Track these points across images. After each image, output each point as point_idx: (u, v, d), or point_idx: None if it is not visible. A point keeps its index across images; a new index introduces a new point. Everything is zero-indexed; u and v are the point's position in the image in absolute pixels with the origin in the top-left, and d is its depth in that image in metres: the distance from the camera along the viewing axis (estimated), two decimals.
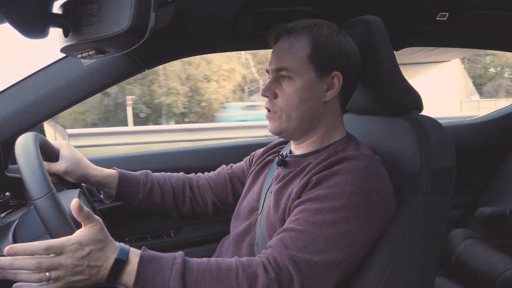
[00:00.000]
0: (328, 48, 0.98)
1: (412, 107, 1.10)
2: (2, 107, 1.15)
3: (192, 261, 0.86)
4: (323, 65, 0.98)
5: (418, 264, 0.99)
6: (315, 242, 0.86)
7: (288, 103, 0.99)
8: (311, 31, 0.99)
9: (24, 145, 0.85)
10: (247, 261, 0.86)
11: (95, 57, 0.72)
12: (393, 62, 1.06)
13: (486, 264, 1.63)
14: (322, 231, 0.87)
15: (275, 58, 1.02)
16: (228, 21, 1.27)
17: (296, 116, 1.00)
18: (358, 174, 0.91)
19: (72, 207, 0.76)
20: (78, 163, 1.11)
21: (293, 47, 0.99)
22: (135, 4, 0.61)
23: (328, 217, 0.88)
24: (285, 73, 0.99)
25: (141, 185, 1.19)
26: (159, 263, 0.82)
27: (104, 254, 0.79)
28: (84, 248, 0.77)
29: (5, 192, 1.15)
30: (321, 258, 0.86)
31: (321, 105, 1.01)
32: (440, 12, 1.42)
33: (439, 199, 0.99)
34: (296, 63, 0.98)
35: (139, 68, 1.26)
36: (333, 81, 1.00)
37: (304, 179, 0.96)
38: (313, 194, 0.92)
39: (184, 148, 1.68)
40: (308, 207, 0.91)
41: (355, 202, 0.89)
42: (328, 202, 0.89)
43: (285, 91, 1.00)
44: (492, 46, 1.78)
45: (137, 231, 1.49)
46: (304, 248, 0.86)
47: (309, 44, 0.98)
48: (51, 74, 1.18)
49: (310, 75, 0.98)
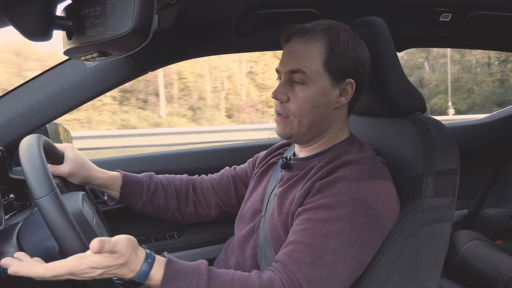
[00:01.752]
0: (344, 55, 0.96)
1: (415, 108, 1.10)
2: (6, 110, 1.15)
3: (216, 274, 0.84)
4: (338, 72, 0.96)
5: (422, 266, 0.99)
6: (324, 255, 0.85)
7: (300, 108, 0.97)
8: (328, 35, 0.96)
9: (28, 146, 0.86)
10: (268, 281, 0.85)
11: (98, 59, 0.72)
12: (396, 63, 1.06)
13: (490, 265, 1.62)
14: (330, 243, 0.86)
15: (289, 59, 0.99)
16: (231, 23, 1.27)
17: (307, 122, 0.98)
18: (361, 179, 0.90)
19: (93, 248, 0.72)
20: (82, 165, 1.11)
21: (309, 51, 0.96)
22: (138, 6, 0.61)
23: (335, 227, 0.87)
24: (300, 76, 0.96)
25: (145, 187, 1.19)
26: (182, 281, 0.81)
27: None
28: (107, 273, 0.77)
29: (9, 194, 1.16)
30: (331, 270, 0.85)
31: (331, 111, 0.99)
32: (443, 13, 1.42)
33: (443, 200, 0.98)
34: (311, 68, 0.96)
35: (142, 70, 1.26)
36: (346, 88, 0.98)
37: (307, 185, 0.95)
38: (317, 202, 0.90)
39: (188, 149, 1.68)
40: (314, 216, 0.89)
41: (360, 209, 0.88)
42: (334, 211, 0.88)
43: (297, 96, 0.97)
44: (496, 47, 1.78)
45: (141, 233, 1.49)
46: (314, 263, 0.85)
47: (325, 50, 0.95)
48: (55, 77, 1.19)
49: (325, 81, 0.96)
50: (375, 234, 0.90)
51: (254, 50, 1.47)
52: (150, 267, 0.80)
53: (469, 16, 1.44)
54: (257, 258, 1.05)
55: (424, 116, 1.08)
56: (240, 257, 1.09)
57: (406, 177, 1.00)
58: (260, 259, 1.04)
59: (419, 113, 1.10)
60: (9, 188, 1.15)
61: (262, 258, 1.03)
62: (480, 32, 1.56)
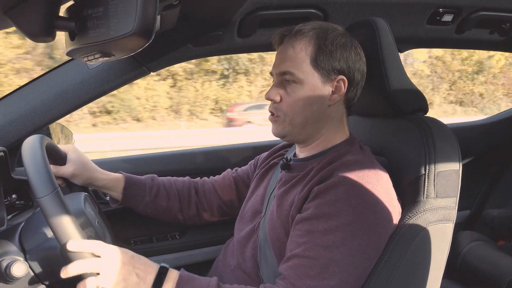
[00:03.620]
0: (333, 53, 0.97)
1: (417, 109, 1.09)
2: (9, 110, 1.16)
3: (224, 285, 0.88)
4: (328, 69, 0.97)
5: (424, 267, 0.98)
6: (329, 267, 0.85)
7: (292, 107, 0.98)
8: (316, 35, 0.98)
9: (30, 146, 0.86)
10: None
11: (100, 60, 0.72)
12: (398, 64, 1.06)
13: (493, 266, 1.62)
14: (333, 254, 0.86)
15: (280, 61, 1.01)
16: (234, 24, 1.27)
17: (300, 120, 0.99)
18: (360, 184, 0.90)
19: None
20: (85, 166, 1.12)
21: (298, 51, 0.98)
22: (141, 7, 0.61)
23: (337, 237, 0.86)
24: (289, 77, 0.98)
25: (147, 189, 1.20)
26: (194, 283, 0.86)
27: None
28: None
29: (11, 194, 1.16)
30: (337, 280, 0.85)
31: (325, 108, 1.00)
32: (445, 14, 1.41)
33: (445, 201, 0.98)
34: (301, 68, 0.97)
35: (144, 71, 1.27)
36: (338, 85, 0.99)
37: (306, 188, 0.95)
38: (317, 211, 0.90)
39: (190, 150, 1.68)
40: (315, 227, 0.89)
41: (360, 216, 0.87)
42: (334, 220, 0.87)
43: (289, 95, 0.98)
44: (497, 47, 1.77)
45: (143, 233, 1.50)
46: (319, 275, 0.85)
47: (313, 48, 0.97)
48: (57, 77, 1.19)
49: (315, 79, 0.97)
50: (376, 239, 0.90)
51: (256, 51, 1.48)
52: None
53: (471, 16, 1.44)
54: (257, 259, 1.05)
55: (426, 116, 1.07)
56: (240, 258, 1.09)
57: (408, 178, 1.00)
58: (260, 260, 1.04)
59: (421, 114, 1.10)
60: (12, 189, 1.15)
61: (262, 259, 1.03)
62: (483, 32, 1.56)
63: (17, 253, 0.88)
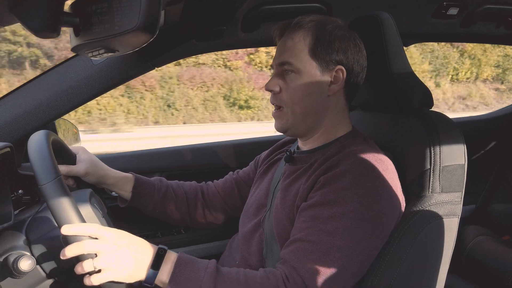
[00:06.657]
0: (330, 43, 0.98)
1: (422, 104, 1.09)
2: (15, 106, 1.16)
3: (222, 268, 0.89)
4: (326, 59, 0.98)
5: (429, 261, 0.98)
6: (331, 252, 0.85)
7: (292, 97, 1.00)
8: (315, 26, 0.99)
9: (36, 139, 0.87)
10: (272, 274, 0.87)
11: (105, 55, 0.73)
12: (403, 58, 1.05)
13: (498, 261, 1.62)
14: (335, 239, 0.86)
15: (279, 53, 1.02)
16: (238, 18, 1.27)
17: (300, 110, 1.00)
18: (366, 173, 0.90)
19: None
20: (96, 165, 1.15)
21: (296, 42, 0.99)
22: (145, 2, 0.61)
23: (341, 224, 0.87)
24: (288, 67, 0.99)
25: (156, 188, 1.23)
26: (193, 265, 0.86)
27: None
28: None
29: (18, 189, 1.17)
30: (338, 266, 0.85)
31: (325, 99, 1.00)
32: (451, 7, 1.40)
33: (450, 195, 0.98)
34: (299, 58, 0.98)
35: (149, 66, 1.27)
36: (336, 75, 0.99)
37: (312, 178, 0.96)
38: (322, 198, 0.90)
39: (193, 145, 1.68)
40: (319, 213, 0.89)
41: (365, 205, 0.88)
42: (339, 207, 0.88)
43: (288, 86, 1.00)
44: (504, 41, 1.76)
45: (148, 228, 1.50)
46: (320, 260, 0.85)
47: (312, 39, 0.98)
48: (62, 73, 1.20)
49: (313, 69, 0.98)
50: (380, 228, 0.90)
51: (259, 46, 1.47)
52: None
53: (477, 10, 1.42)
54: (262, 253, 1.05)
55: (432, 111, 1.07)
56: (245, 252, 1.09)
57: (414, 173, 1.00)
58: (266, 254, 1.04)
59: (426, 108, 1.09)
60: (18, 184, 1.16)
61: (268, 253, 1.04)
62: (489, 26, 1.54)
63: (24, 247, 0.89)
